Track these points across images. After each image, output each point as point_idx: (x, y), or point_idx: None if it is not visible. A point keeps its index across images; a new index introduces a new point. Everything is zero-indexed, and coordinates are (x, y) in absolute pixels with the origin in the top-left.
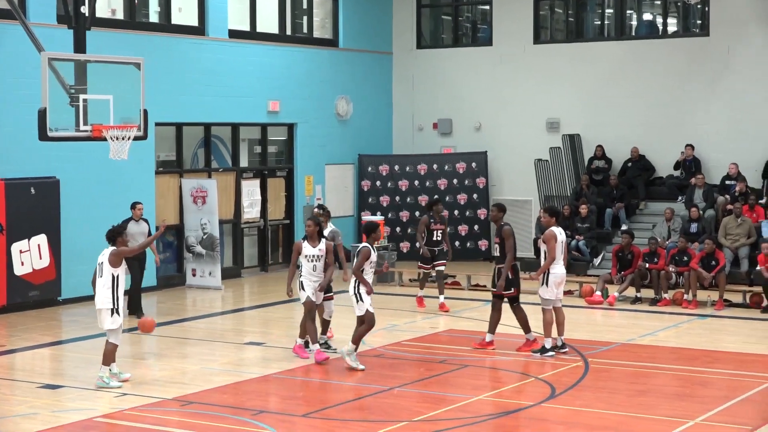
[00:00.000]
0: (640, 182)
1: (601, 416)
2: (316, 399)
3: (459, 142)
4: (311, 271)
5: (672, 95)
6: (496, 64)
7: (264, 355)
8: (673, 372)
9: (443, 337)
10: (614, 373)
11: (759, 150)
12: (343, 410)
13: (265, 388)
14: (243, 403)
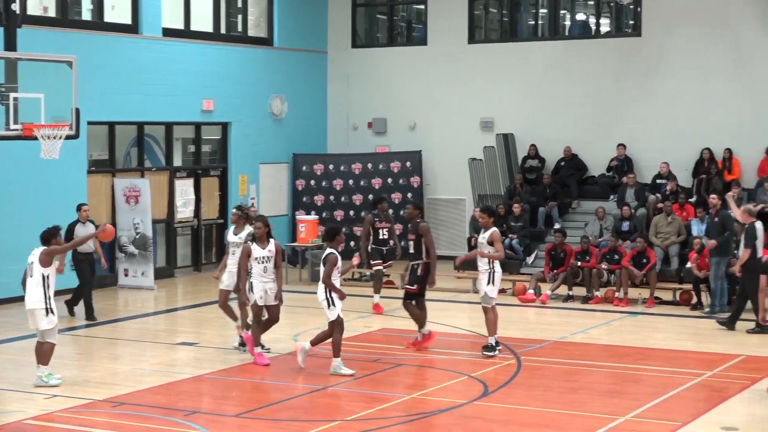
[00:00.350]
0: (573, 181)
1: (534, 414)
2: (249, 399)
3: (393, 141)
4: (262, 273)
5: (604, 95)
6: (431, 64)
7: (197, 355)
8: (605, 369)
9: (377, 336)
10: (546, 371)
11: (690, 149)
12: (276, 410)
13: (197, 389)
14: (175, 404)
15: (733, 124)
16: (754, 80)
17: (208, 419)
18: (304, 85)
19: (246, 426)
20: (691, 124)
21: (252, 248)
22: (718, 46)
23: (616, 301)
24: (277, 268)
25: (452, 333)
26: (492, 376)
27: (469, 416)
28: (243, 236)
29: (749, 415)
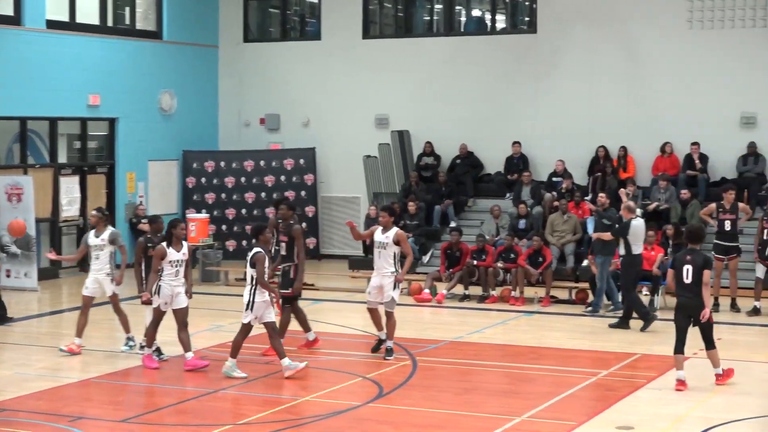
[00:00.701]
0: (469, 179)
1: (429, 415)
2: (137, 403)
3: (287, 138)
4: (174, 277)
5: (500, 92)
6: (325, 59)
7: (83, 358)
8: (500, 369)
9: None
10: (442, 372)
11: (585, 147)
12: (165, 414)
13: (83, 394)
14: (59, 410)
15: (627, 121)
16: (648, 78)
17: (93, 425)
18: (194, 80)
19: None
20: (586, 121)
21: (168, 251)
22: (612, 44)
23: (512, 300)
24: (188, 268)
25: (346, 333)
26: (387, 378)
27: (363, 418)
28: (105, 238)
29: (644, 414)
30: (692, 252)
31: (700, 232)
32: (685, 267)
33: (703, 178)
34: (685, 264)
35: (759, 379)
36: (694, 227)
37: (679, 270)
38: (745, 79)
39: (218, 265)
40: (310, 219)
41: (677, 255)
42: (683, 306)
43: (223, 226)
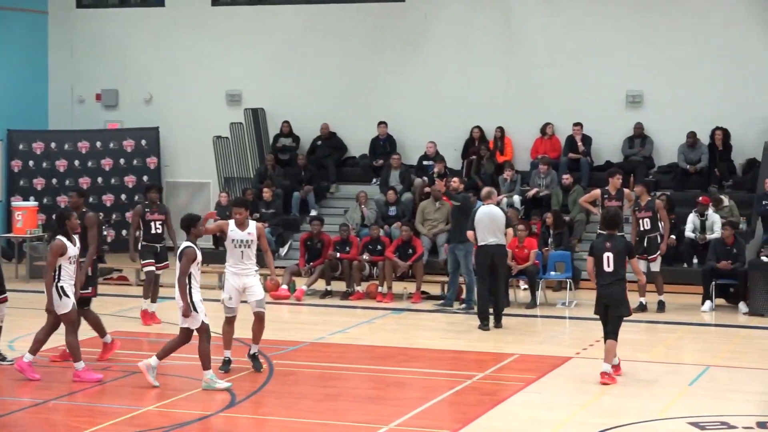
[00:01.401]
0: (331, 162)
1: (287, 425)
2: None
3: (127, 116)
4: (72, 274)
5: (364, 66)
6: (169, 28)
7: None
8: (366, 373)
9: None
10: (301, 377)
11: (458, 127)
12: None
13: None
14: None
15: (505, 100)
16: (528, 53)
17: None
18: (19, 51)
19: None
20: (460, 99)
21: (67, 246)
22: (488, 15)
23: (380, 296)
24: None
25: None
26: (240, 384)
27: (214, 429)
28: None
29: (523, 420)
30: (611, 238)
31: (617, 217)
32: (606, 255)
33: (586, 161)
34: (606, 251)
35: (644, 380)
36: (610, 212)
37: (599, 258)
38: (631, 55)
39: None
40: None
41: (595, 242)
42: (600, 295)
43: (53, 215)
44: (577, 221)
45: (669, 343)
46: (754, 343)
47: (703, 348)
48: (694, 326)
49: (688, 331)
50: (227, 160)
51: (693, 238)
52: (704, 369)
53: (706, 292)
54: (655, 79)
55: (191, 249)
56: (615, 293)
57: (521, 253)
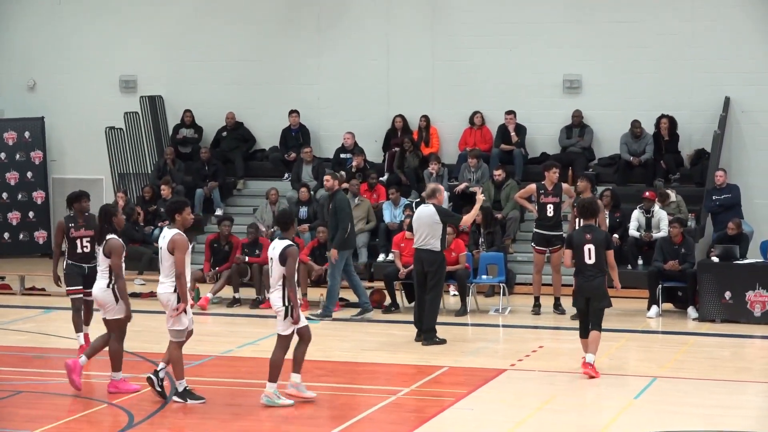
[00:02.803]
0: (238, 156)
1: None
2: None
3: (7, 104)
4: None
5: (273, 48)
6: (54, 6)
7: None
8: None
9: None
10: (207, 394)
11: (379, 116)
12: None
13: None
14: None
15: (429, 85)
16: (455, 33)
17: None
18: None
19: None
20: (381, 85)
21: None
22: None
23: None
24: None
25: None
26: (138, 403)
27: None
28: None
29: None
30: (590, 229)
31: (595, 205)
32: (587, 246)
33: (520, 153)
34: (586, 243)
35: (585, 394)
36: (586, 201)
37: (580, 249)
38: (569, 35)
39: None
40: (40, 207)
41: (574, 233)
42: (581, 288)
43: None
44: (510, 219)
45: (612, 353)
46: (703, 351)
47: (649, 357)
48: (640, 333)
49: (633, 339)
50: (122, 153)
51: (638, 237)
52: (651, 381)
53: (652, 296)
54: (595, 62)
55: (292, 248)
56: (597, 286)
57: (448, 256)
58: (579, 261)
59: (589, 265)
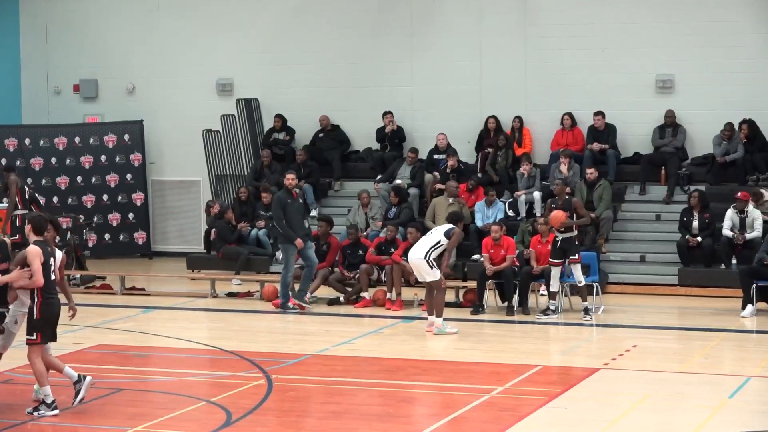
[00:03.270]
0: (336, 157)
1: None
2: None
3: (107, 108)
4: None
5: (367, 52)
6: (152, 12)
7: None
8: (374, 387)
9: (90, 355)
10: (303, 392)
11: (471, 118)
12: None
13: None
14: None
15: (522, 87)
16: (547, 35)
17: None
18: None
19: None
20: (474, 87)
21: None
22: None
23: (388, 303)
24: None
25: (185, 348)
26: (236, 401)
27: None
28: None
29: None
30: None
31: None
32: None
33: (613, 153)
34: None
35: (679, 393)
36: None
37: None
38: (661, 36)
39: None
40: (139, 208)
41: None
42: None
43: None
44: (604, 219)
45: (706, 352)
46: None
47: (743, 357)
48: (734, 333)
49: (727, 338)
50: (218, 155)
51: (731, 237)
52: (745, 380)
53: (746, 295)
54: (688, 62)
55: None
56: None
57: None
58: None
59: None
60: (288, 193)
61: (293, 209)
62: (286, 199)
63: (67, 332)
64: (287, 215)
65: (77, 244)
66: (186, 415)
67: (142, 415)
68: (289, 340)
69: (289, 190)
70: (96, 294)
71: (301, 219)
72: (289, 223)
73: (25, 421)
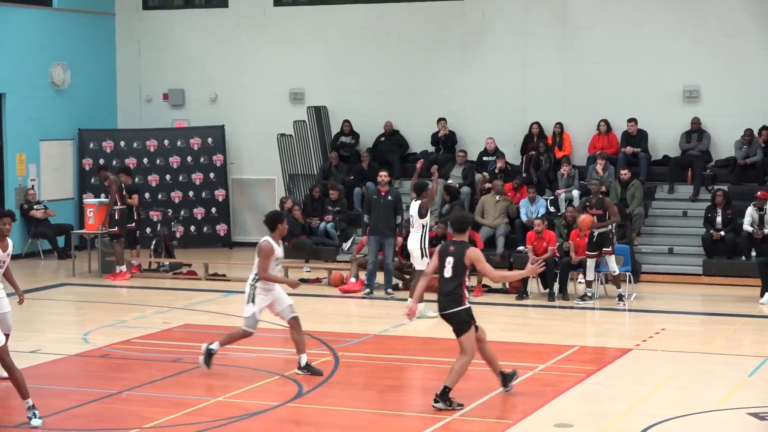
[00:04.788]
0: (396, 158)
1: (352, 415)
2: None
3: (193, 114)
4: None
5: (423, 64)
6: (233, 28)
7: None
8: (428, 364)
9: (178, 333)
10: (366, 368)
11: (516, 123)
12: (65, 418)
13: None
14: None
15: (561, 96)
16: (584, 49)
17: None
18: (89, 52)
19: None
20: (519, 95)
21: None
22: (545, 12)
23: None
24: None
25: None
26: (306, 375)
27: (281, 420)
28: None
29: (584, 411)
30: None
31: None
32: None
33: (644, 156)
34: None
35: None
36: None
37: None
38: (687, 50)
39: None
40: (221, 203)
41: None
42: None
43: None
44: (636, 215)
45: (728, 335)
46: None
47: (762, 340)
48: (753, 318)
49: (747, 323)
50: (291, 156)
51: (751, 232)
52: (763, 360)
53: (764, 284)
54: (713, 74)
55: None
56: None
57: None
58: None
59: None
60: (376, 190)
61: (379, 205)
62: (372, 195)
63: (158, 313)
64: (372, 210)
65: (166, 235)
66: (262, 387)
67: (223, 386)
68: (353, 322)
69: (379, 187)
70: (183, 279)
71: (387, 215)
72: (374, 217)
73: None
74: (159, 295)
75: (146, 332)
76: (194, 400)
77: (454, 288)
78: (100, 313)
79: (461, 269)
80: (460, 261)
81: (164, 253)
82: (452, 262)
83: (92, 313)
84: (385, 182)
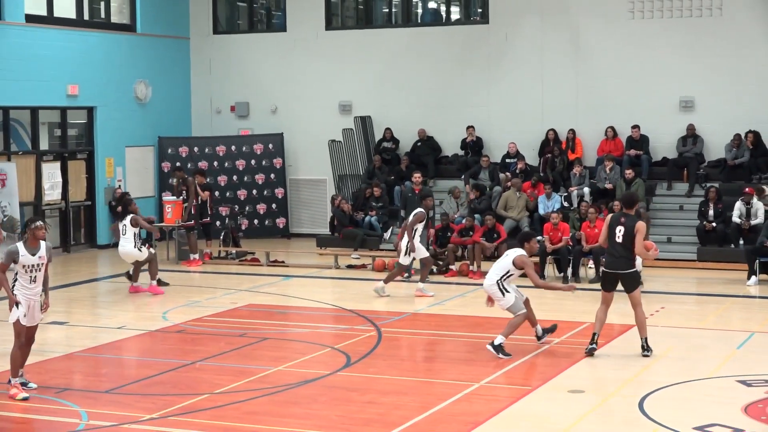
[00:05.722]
0: (430, 161)
1: (393, 382)
2: (119, 375)
3: (256, 124)
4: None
5: (454, 79)
6: (290, 50)
7: (67, 333)
8: (460, 339)
9: (243, 312)
10: (405, 342)
11: (535, 130)
12: (146, 385)
13: (68, 367)
14: (46, 382)
15: (575, 106)
16: (594, 66)
17: (80, 396)
18: (167, 70)
19: (117, 401)
20: (537, 106)
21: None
22: (560, 34)
23: (471, 273)
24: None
25: (315, 307)
26: (354, 348)
27: (332, 386)
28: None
29: (594, 379)
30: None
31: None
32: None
33: (646, 158)
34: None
35: (697, 345)
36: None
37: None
38: (683, 66)
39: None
40: (280, 200)
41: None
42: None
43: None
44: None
45: (719, 313)
46: None
47: (748, 317)
48: (741, 298)
49: (736, 302)
50: (340, 160)
51: (739, 224)
52: (750, 335)
53: (750, 268)
54: (706, 87)
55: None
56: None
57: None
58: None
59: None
60: (411, 188)
61: (414, 201)
62: (408, 193)
63: (226, 294)
64: (408, 206)
65: (233, 228)
66: (316, 359)
67: (282, 357)
68: (394, 302)
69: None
70: (247, 265)
71: None
72: (409, 212)
73: (195, 361)
74: (227, 279)
75: (216, 311)
76: (258, 369)
77: (626, 253)
78: (177, 295)
79: (630, 239)
80: (630, 231)
81: (231, 243)
82: (623, 231)
83: (170, 295)
84: (419, 182)
